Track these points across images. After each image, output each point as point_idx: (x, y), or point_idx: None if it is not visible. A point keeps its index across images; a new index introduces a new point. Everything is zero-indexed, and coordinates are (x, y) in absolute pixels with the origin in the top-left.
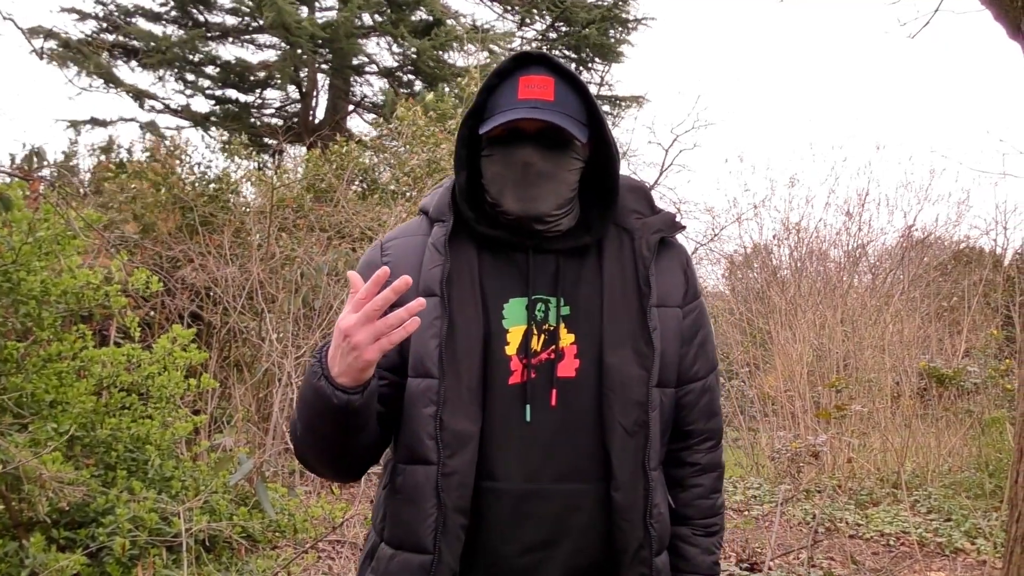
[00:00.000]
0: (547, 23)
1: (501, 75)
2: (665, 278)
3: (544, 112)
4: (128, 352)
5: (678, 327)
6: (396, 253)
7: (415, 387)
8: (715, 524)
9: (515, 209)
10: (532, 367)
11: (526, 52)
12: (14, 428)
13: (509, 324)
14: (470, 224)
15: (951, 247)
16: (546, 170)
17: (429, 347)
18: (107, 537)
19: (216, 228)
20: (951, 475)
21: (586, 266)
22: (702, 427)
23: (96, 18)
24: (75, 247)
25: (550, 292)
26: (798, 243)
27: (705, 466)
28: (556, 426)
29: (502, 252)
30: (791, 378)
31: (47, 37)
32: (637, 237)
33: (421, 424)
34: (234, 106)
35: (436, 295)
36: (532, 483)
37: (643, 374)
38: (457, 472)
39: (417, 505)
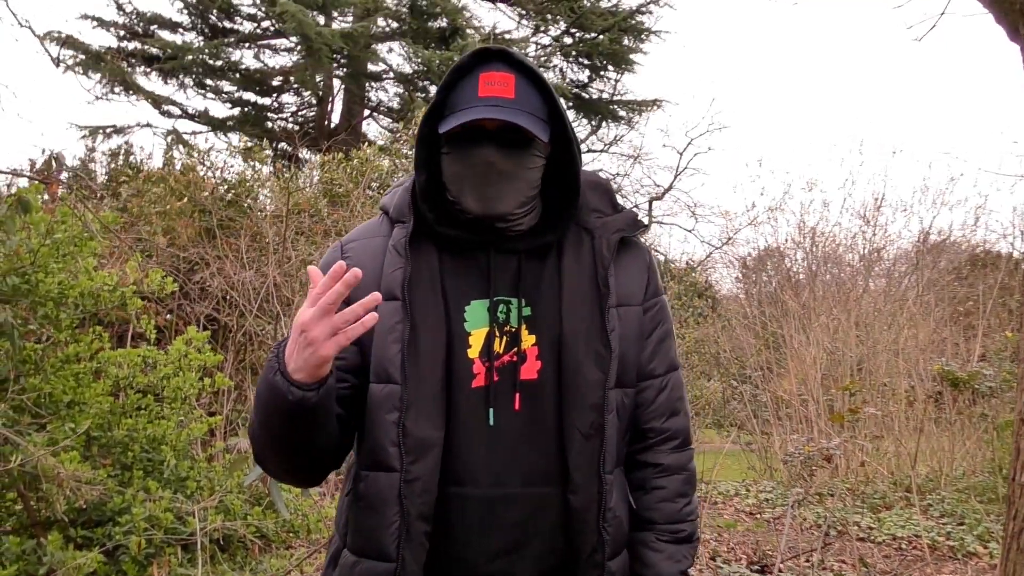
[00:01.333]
0: (562, 29)
1: (461, 71)
2: (626, 277)
3: (504, 111)
4: (144, 353)
5: (639, 325)
6: (356, 255)
7: (377, 392)
8: (682, 530)
9: (476, 209)
10: (495, 370)
11: (485, 48)
12: (32, 428)
13: (471, 327)
14: (430, 225)
15: (967, 251)
16: (507, 169)
17: (391, 352)
18: (123, 536)
19: (233, 232)
20: (964, 479)
21: (547, 266)
22: (660, 426)
23: (116, 26)
24: (91, 249)
25: (511, 293)
26: (813, 247)
27: (668, 467)
28: (520, 429)
29: (463, 252)
30: (805, 382)
31: (65, 45)
32: (597, 236)
33: (383, 430)
34: (252, 110)
35: (397, 299)
36: (499, 487)
37: (600, 376)
38: (420, 479)
39: (380, 512)
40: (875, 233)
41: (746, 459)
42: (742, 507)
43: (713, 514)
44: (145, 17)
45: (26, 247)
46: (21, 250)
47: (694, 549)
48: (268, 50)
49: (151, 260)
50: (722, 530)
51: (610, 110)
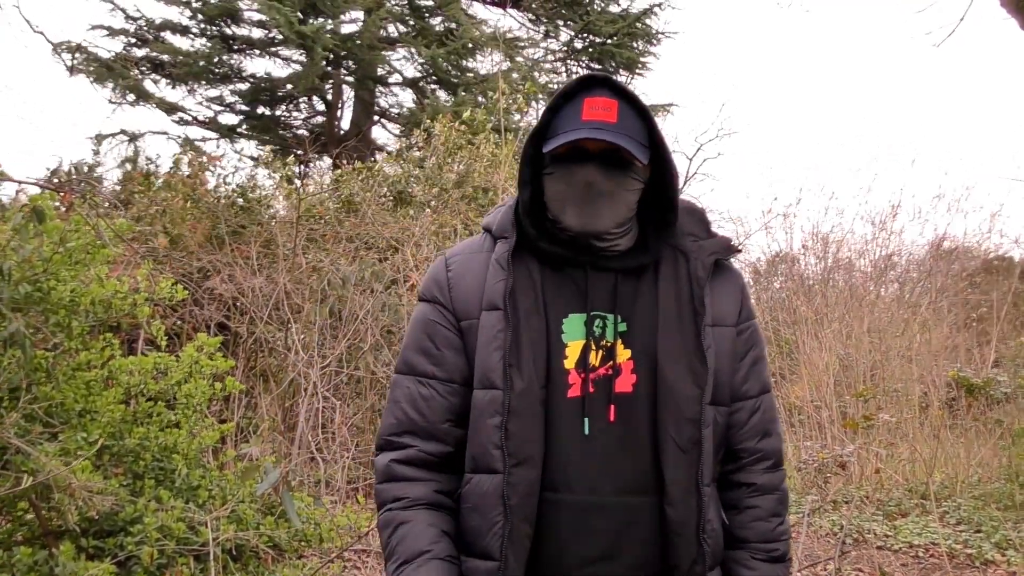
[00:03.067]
0: (572, 34)
1: (566, 96)
2: (720, 299)
3: (607, 133)
4: (155, 360)
5: (732, 347)
6: (459, 268)
7: (480, 399)
8: (776, 549)
9: (575, 226)
10: (590, 381)
11: (591, 74)
12: (44, 437)
13: (568, 339)
14: (532, 241)
15: (981, 257)
16: (607, 189)
17: (493, 359)
18: (135, 546)
19: (245, 239)
20: (981, 486)
21: (643, 285)
22: (753, 446)
23: (126, 33)
24: (104, 257)
25: (608, 309)
26: (824, 253)
27: (761, 487)
28: (615, 440)
29: (561, 269)
30: (817, 388)
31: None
32: (692, 259)
33: (487, 434)
34: (261, 118)
35: (500, 309)
36: (593, 496)
37: (697, 391)
38: (523, 481)
39: (483, 513)
40: (888, 239)
41: None
42: None
43: None
44: (154, 24)
45: (38, 255)
46: (33, 258)
47: (787, 568)
48: (277, 58)
49: (164, 267)
50: None
51: None
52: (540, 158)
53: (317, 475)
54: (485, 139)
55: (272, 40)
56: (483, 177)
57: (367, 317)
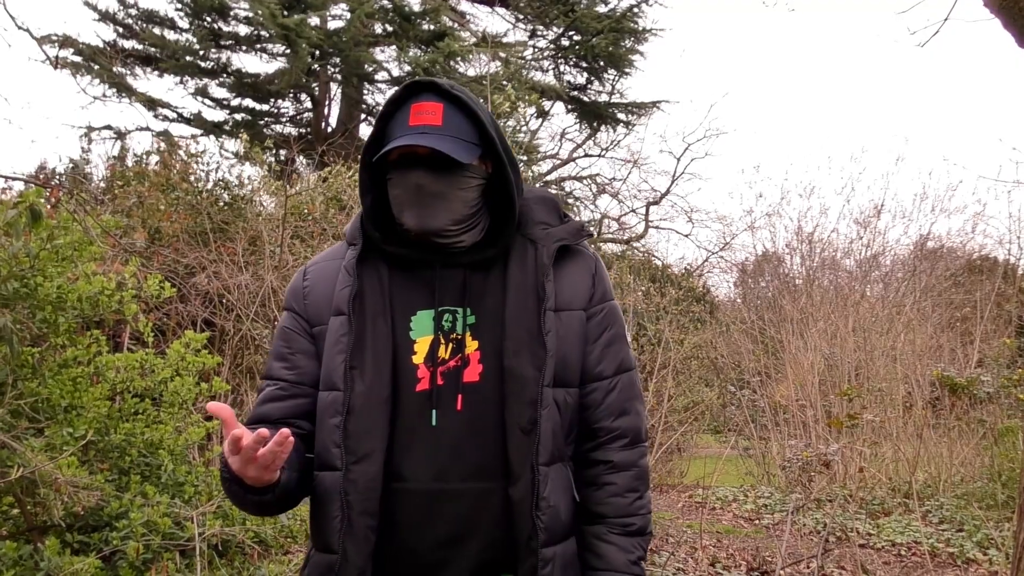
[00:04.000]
0: (558, 32)
1: (396, 103)
2: (567, 283)
3: (429, 137)
4: (141, 358)
5: (581, 329)
6: (314, 277)
7: (324, 400)
8: (632, 523)
9: (413, 226)
10: (440, 374)
11: (416, 80)
12: (30, 433)
13: (416, 335)
14: (378, 244)
15: (964, 257)
16: (437, 190)
17: (336, 362)
18: (121, 541)
19: (230, 236)
20: (963, 485)
21: (492, 277)
22: (609, 425)
23: (115, 20)
24: (91, 253)
25: (458, 303)
26: (810, 252)
27: (617, 464)
28: (463, 428)
29: (411, 269)
30: (803, 387)
31: (63, 45)
32: (540, 246)
33: (328, 433)
34: (247, 115)
35: (343, 314)
36: (440, 483)
37: (536, 374)
38: (362, 477)
39: (325, 509)
40: (873, 239)
41: (744, 465)
42: (740, 513)
43: (712, 520)
44: (143, 14)
45: (25, 251)
46: (20, 254)
47: (646, 542)
48: (264, 54)
49: (150, 264)
50: (721, 536)
51: (609, 113)
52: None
53: None
54: None
55: (259, 36)
56: None
57: None
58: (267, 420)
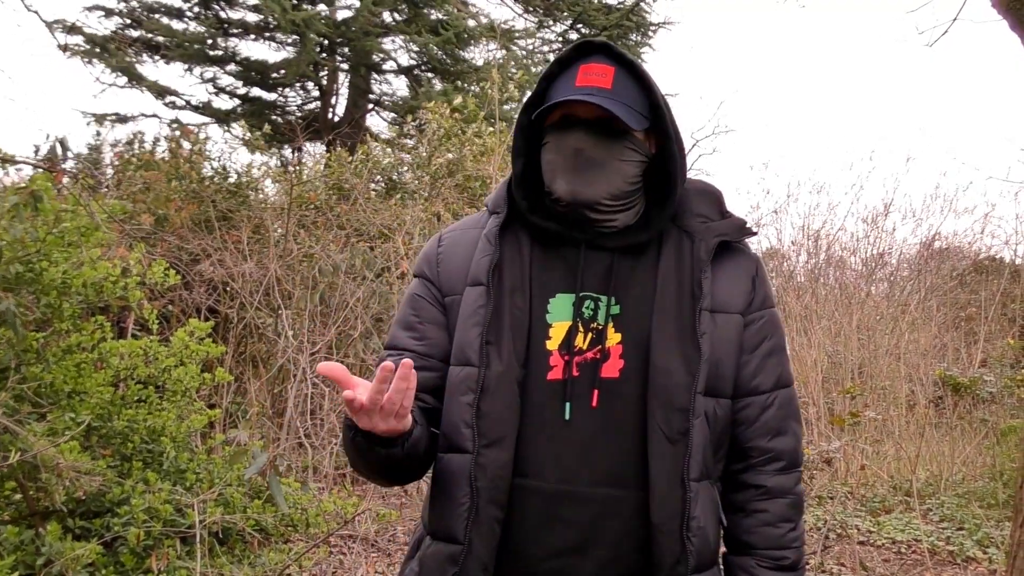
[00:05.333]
0: (566, 26)
1: (562, 64)
2: (727, 283)
3: (598, 98)
4: (145, 345)
5: (737, 335)
6: (450, 244)
7: (455, 375)
8: (786, 557)
9: (564, 194)
10: (575, 365)
11: (588, 40)
12: (33, 417)
13: (552, 319)
14: (524, 215)
15: (971, 257)
16: (597, 157)
17: (471, 336)
18: (122, 527)
19: (235, 224)
20: (965, 484)
21: (641, 266)
22: (764, 445)
23: (120, 14)
24: (97, 239)
25: (602, 290)
26: (815, 250)
27: (770, 490)
28: (596, 427)
29: (554, 246)
30: (805, 384)
31: (71, 32)
32: (697, 240)
33: (459, 412)
34: (255, 104)
35: (482, 284)
36: (566, 484)
37: (688, 379)
38: (492, 463)
39: (450, 495)
40: (879, 237)
41: None
42: None
43: None
44: (148, 4)
45: (31, 236)
46: (26, 239)
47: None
48: (272, 42)
49: (154, 251)
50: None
51: None
52: (536, 128)
53: (305, 461)
54: (477, 129)
55: (267, 24)
56: (474, 166)
57: (357, 305)
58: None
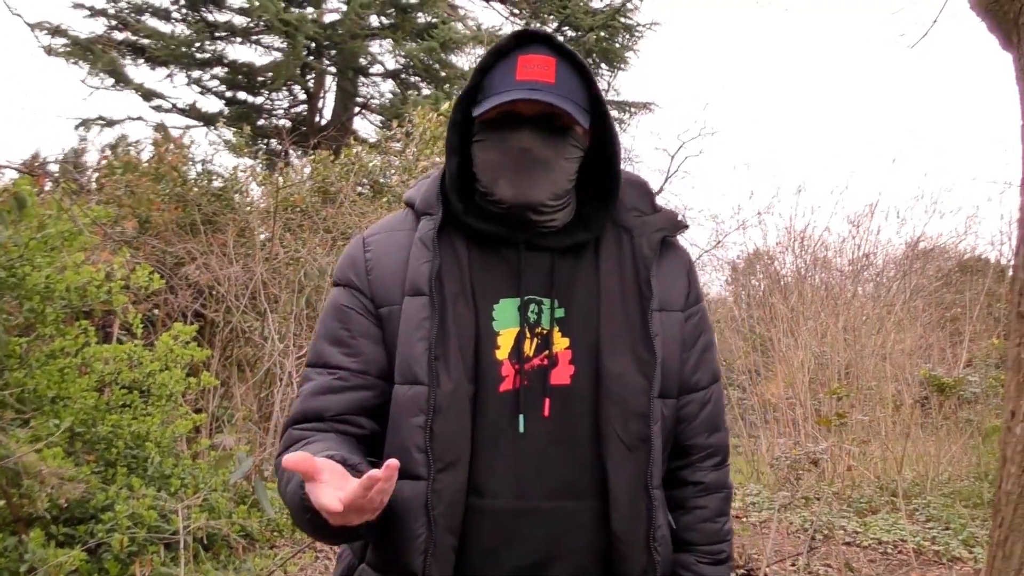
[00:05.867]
0: (552, 28)
1: (498, 54)
2: (667, 280)
3: (544, 94)
4: (130, 349)
5: (680, 333)
6: (379, 248)
7: (402, 395)
8: (722, 551)
9: (509, 196)
10: (524, 373)
11: (526, 30)
12: (15, 423)
13: (500, 326)
14: (459, 217)
15: (956, 257)
16: (544, 156)
17: (417, 351)
18: (106, 534)
19: (220, 227)
20: (950, 484)
21: (582, 266)
22: (703, 442)
23: (106, 15)
24: (80, 243)
25: (544, 293)
26: (802, 251)
27: (709, 486)
28: (548, 438)
29: (492, 248)
30: (792, 385)
31: (55, 34)
32: (637, 236)
33: (409, 435)
34: (242, 107)
35: (424, 294)
36: (522, 500)
37: (644, 383)
38: (448, 488)
39: (404, 525)
40: (865, 238)
41: (733, 462)
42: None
43: None
44: (136, 6)
45: (14, 241)
46: (9, 244)
47: (730, 569)
48: (259, 46)
49: (137, 254)
50: None
51: None
52: (469, 124)
53: None
54: None
55: (254, 27)
56: None
57: None
58: (321, 417)
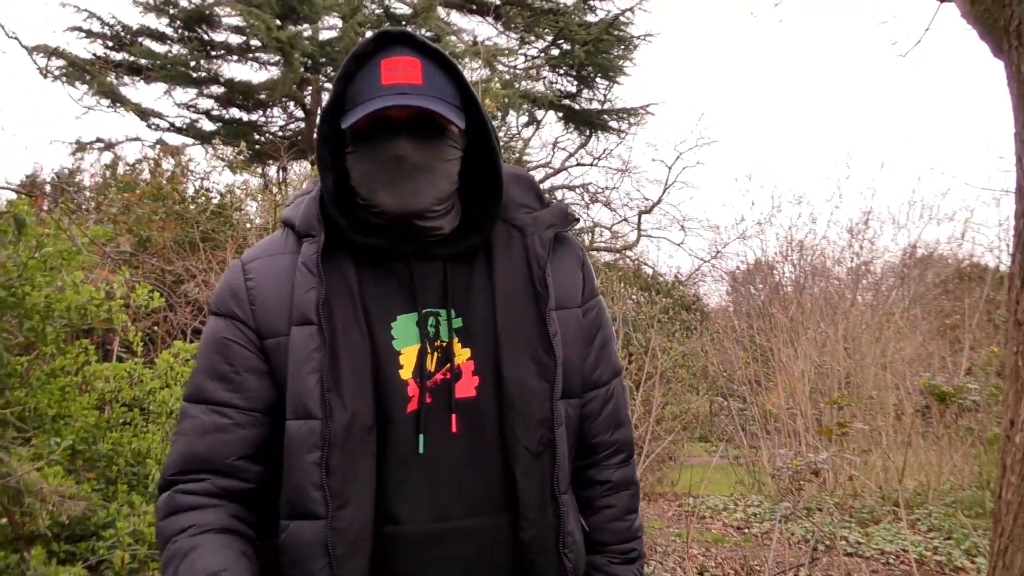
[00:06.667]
0: (547, 42)
1: (360, 59)
2: (562, 277)
3: (413, 97)
4: (130, 368)
5: (579, 329)
6: (260, 276)
7: (295, 431)
8: (633, 549)
9: (391, 207)
10: (428, 390)
11: (386, 31)
12: (17, 442)
13: (400, 344)
14: (343, 235)
15: (954, 264)
16: (421, 162)
17: (308, 384)
18: (107, 550)
19: (219, 244)
20: (952, 493)
21: (476, 271)
22: (608, 439)
23: (103, 37)
24: (79, 263)
25: (440, 303)
26: (800, 260)
27: (616, 483)
28: (461, 455)
29: (382, 265)
30: (793, 395)
31: (52, 56)
32: (529, 234)
33: (304, 473)
34: (239, 125)
35: (312, 323)
36: (440, 522)
37: (545, 387)
38: (351, 525)
39: (304, 566)
40: (862, 247)
41: (734, 473)
42: (730, 522)
43: (701, 529)
44: (131, 29)
45: (14, 261)
46: (8, 263)
47: (642, 566)
48: (255, 63)
49: (136, 272)
50: (710, 545)
51: (600, 120)
52: (340, 136)
53: None
54: None
55: (250, 46)
56: None
57: None
58: (211, 464)
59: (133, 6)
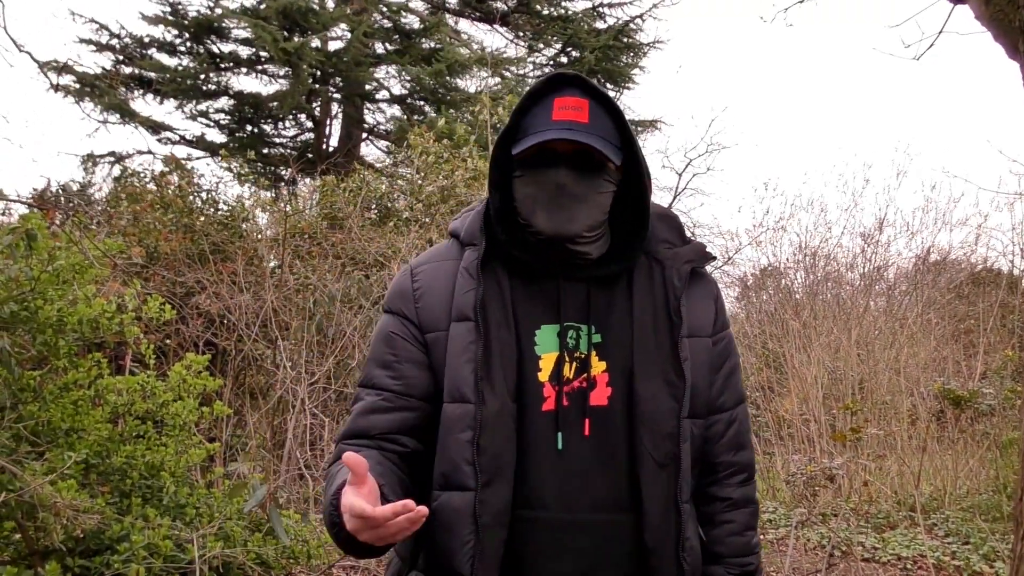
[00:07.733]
0: (557, 49)
1: (534, 96)
2: (696, 308)
3: (578, 134)
4: (143, 380)
5: (708, 358)
6: (426, 278)
7: (451, 412)
8: (750, 563)
9: (547, 229)
10: (564, 394)
11: (561, 73)
12: (30, 456)
13: (541, 351)
14: (502, 248)
15: (967, 269)
16: (579, 192)
17: (464, 372)
18: (122, 564)
19: (229, 256)
20: (969, 498)
21: (616, 295)
22: (730, 460)
23: (112, 50)
24: (91, 276)
25: (582, 319)
26: (813, 266)
27: (736, 501)
28: (590, 455)
29: (533, 279)
30: (806, 401)
31: (63, 71)
32: (668, 267)
33: (458, 450)
34: (249, 137)
35: (470, 319)
36: (568, 513)
37: (674, 405)
38: (495, 498)
39: (454, 532)
40: (876, 252)
41: None
42: None
43: None
44: (141, 41)
45: (26, 275)
46: (21, 277)
47: None
48: (264, 75)
49: (147, 284)
50: None
51: None
52: (509, 161)
53: (305, 492)
54: (468, 153)
55: (259, 57)
56: (467, 192)
57: (354, 334)
58: (367, 435)
59: (142, 20)
